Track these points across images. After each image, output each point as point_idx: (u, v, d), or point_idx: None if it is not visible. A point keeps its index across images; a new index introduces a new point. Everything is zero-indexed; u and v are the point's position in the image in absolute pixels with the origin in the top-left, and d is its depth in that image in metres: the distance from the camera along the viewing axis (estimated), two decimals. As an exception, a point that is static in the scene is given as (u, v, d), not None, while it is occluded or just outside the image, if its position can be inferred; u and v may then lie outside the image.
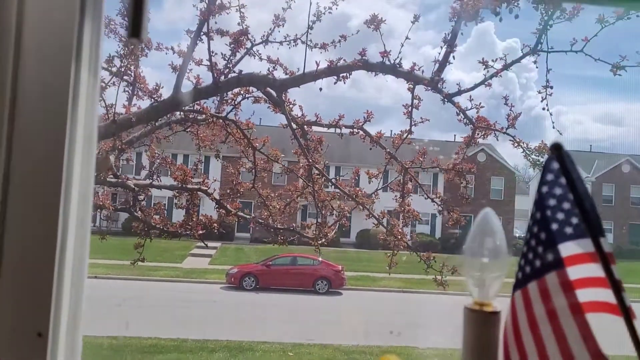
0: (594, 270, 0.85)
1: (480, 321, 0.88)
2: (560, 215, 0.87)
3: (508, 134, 6.71)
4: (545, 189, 0.89)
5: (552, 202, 0.88)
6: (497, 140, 6.89)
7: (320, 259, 26.31)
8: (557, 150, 0.88)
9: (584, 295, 0.84)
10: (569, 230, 0.87)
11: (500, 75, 6.08)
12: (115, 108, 5.35)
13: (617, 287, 0.83)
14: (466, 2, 4.45)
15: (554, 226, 0.86)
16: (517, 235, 44.23)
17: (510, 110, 6.71)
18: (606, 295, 0.84)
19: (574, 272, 0.85)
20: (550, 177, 0.90)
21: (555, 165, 0.89)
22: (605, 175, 43.32)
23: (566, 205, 0.87)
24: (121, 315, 18.03)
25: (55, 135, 0.92)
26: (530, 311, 0.86)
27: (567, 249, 0.86)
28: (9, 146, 0.90)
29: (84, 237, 1.00)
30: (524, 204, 47.54)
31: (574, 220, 0.87)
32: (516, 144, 6.78)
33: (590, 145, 48.43)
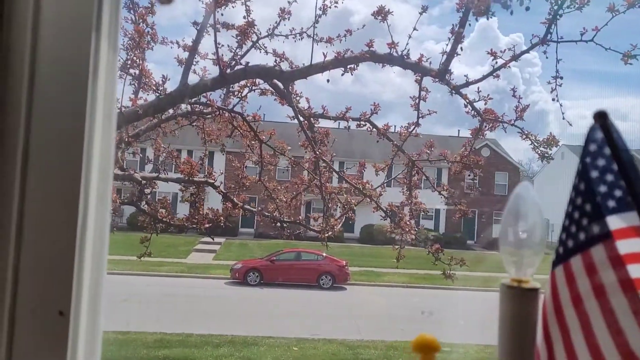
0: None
1: (518, 298, 0.84)
2: (603, 188, 0.84)
3: (516, 126, 6.66)
4: (588, 159, 0.86)
5: (594, 173, 0.85)
6: (505, 132, 6.84)
7: (324, 254, 26.34)
8: (601, 118, 0.84)
9: (633, 271, 0.80)
10: (612, 203, 0.83)
11: (510, 66, 6.03)
12: (122, 101, 5.33)
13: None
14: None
15: (600, 198, 0.82)
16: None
17: (519, 102, 6.66)
18: None
19: (625, 246, 0.81)
20: (593, 147, 0.86)
21: (599, 134, 0.85)
22: (611, 170, 43.05)
23: (610, 177, 0.84)
24: (127, 311, 18.09)
25: (76, 110, 0.88)
26: (574, 286, 0.83)
27: (613, 221, 0.82)
28: (27, 123, 0.87)
29: (104, 215, 0.97)
30: (529, 199, 47.31)
31: (618, 192, 0.83)
32: (524, 136, 6.73)
33: (596, 140, 48.02)
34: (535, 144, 6.72)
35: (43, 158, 0.88)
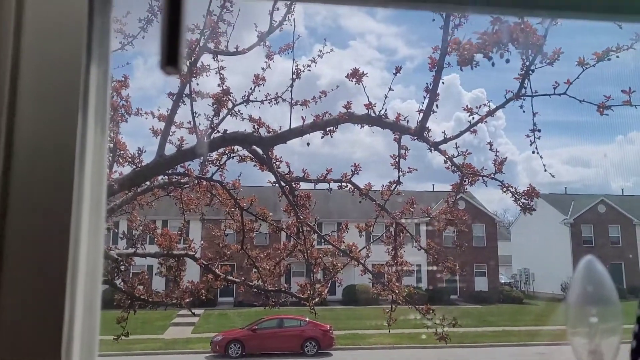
0: None
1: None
2: None
3: (496, 179, 6.68)
4: None
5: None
6: (486, 186, 6.85)
7: (307, 319, 25.67)
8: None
9: None
10: None
11: (486, 121, 6.10)
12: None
13: None
14: (462, 46, 4.47)
15: None
16: (503, 281, 44.05)
17: (496, 155, 6.73)
18: None
19: None
20: None
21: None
22: (583, 216, 43.91)
23: None
24: (102, 395, 17.06)
25: (61, 196, 0.75)
26: None
27: None
28: (3, 207, 0.73)
29: (92, 322, 0.82)
30: (507, 249, 47.65)
31: None
32: (505, 189, 6.74)
33: (565, 188, 49.33)
34: (517, 196, 6.74)
35: (25, 255, 0.73)
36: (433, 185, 38.82)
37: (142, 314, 7.54)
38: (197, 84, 5.86)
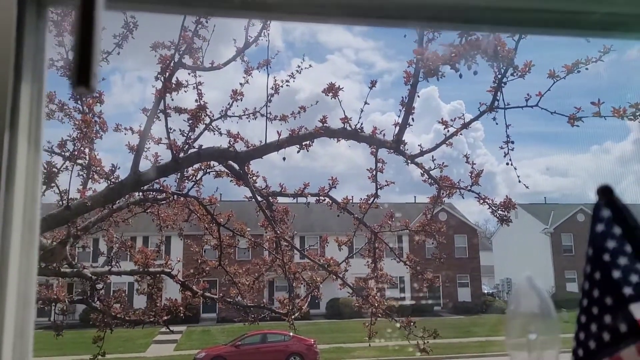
0: None
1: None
2: (617, 274, 0.72)
3: (473, 192, 6.72)
4: (599, 242, 0.74)
5: (606, 257, 0.74)
6: (463, 198, 6.89)
7: (291, 334, 25.45)
8: (606, 194, 0.74)
9: None
10: (626, 291, 0.72)
11: (461, 134, 6.16)
12: (69, 194, 5.07)
13: None
14: (426, 57, 4.51)
15: (627, 290, 0.70)
16: (485, 291, 44.24)
17: (472, 167, 6.77)
18: None
19: None
20: (600, 227, 0.75)
21: (606, 212, 0.75)
22: (563, 225, 44.41)
23: (623, 261, 0.73)
24: (81, 417, 16.66)
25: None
26: None
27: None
28: None
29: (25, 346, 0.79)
30: (489, 259, 47.94)
31: (634, 278, 0.72)
32: (482, 201, 6.79)
33: (545, 197, 49.95)
34: (494, 207, 6.78)
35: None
36: (415, 197, 39.03)
37: (123, 332, 7.40)
38: (172, 99, 5.83)
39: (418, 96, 6.01)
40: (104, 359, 6.68)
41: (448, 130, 5.92)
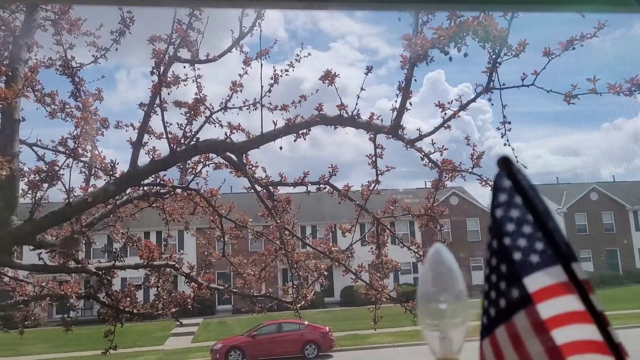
0: (571, 303, 0.70)
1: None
2: (522, 242, 0.74)
3: (475, 174, 6.69)
4: (499, 212, 0.76)
5: (510, 227, 0.75)
6: (465, 180, 6.87)
7: (306, 322, 25.64)
8: (506, 165, 0.75)
9: (562, 334, 0.69)
10: (534, 258, 0.73)
11: (459, 116, 6.12)
12: (68, 191, 5.14)
13: (601, 321, 0.69)
14: (414, 43, 4.49)
15: (517, 255, 0.72)
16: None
17: (473, 149, 6.74)
18: (590, 332, 0.69)
19: (547, 308, 0.70)
20: (503, 197, 0.76)
21: (507, 182, 0.76)
22: (576, 205, 44.09)
23: (527, 229, 0.74)
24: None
25: None
26: None
27: (535, 281, 0.71)
28: None
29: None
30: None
31: (539, 245, 0.73)
32: (484, 183, 6.76)
33: (557, 177, 49.54)
34: (496, 189, 6.75)
35: None
36: (425, 182, 38.87)
37: (140, 325, 7.51)
38: (169, 94, 5.86)
39: (415, 80, 5.99)
40: (121, 352, 6.79)
41: (445, 114, 5.90)
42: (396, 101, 5.97)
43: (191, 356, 27.37)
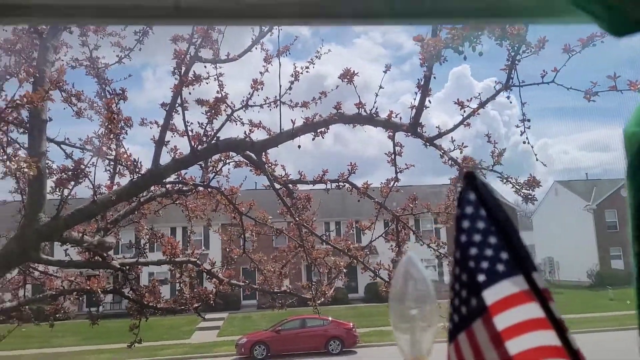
0: (531, 310, 0.74)
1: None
2: (488, 251, 0.77)
3: (495, 171, 6.65)
4: (466, 223, 0.80)
5: (476, 237, 0.79)
6: (485, 178, 6.83)
7: (330, 318, 25.74)
8: (471, 179, 0.79)
9: (522, 342, 0.72)
10: (499, 267, 0.77)
11: (478, 114, 6.10)
12: (94, 189, 5.30)
13: (560, 328, 0.72)
14: (426, 43, 4.49)
15: (483, 264, 0.76)
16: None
17: (494, 147, 6.70)
18: (549, 338, 0.72)
19: (506, 318, 0.73)
20: (469, 209, 0.80)
21: (472, 195, 0.80)
22: (606, 201, 43.11)
23: (492, 240, 0.77)
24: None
25: None
26: None
27: (494, 291, 0.75)
28: None
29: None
30: (529, 238, 47.04)
31: (503, 255, 0.77)
32: (505, 181, 6.72)
33: (586, 173, 48.53)
34: (517, 187, 6.70)
35: None
36: (450, 178, 38.51)
37: (167, 320, 7.70)
38: (190, 93, 5.97)
39: (434, 77, 5.99)
40: (150, 345, 6.95)
41: (465, 111, 5.88)
42: (415, 99, 5.98)
43: (217, 350, 27.77)
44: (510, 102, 5.22)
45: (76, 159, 6.02)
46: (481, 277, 0.75)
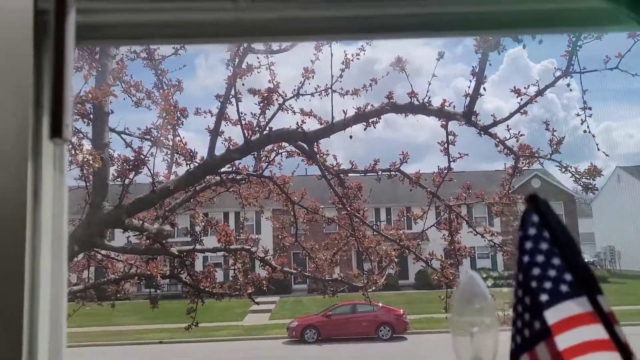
0: (595, 332, 0.73)
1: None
2: (552, 272, 0.77)
3: (553, 160, 6.46)
4: (529, 244, 0.80)
5: (539, 258, 0.79)
6: (542, 167, 6.64)
7: (380, 304, 25.73)
8: (533, 201, 0.79)
9: None
10: (563, 288, 0.76)
11: (536, 101, 5.93)
12: (153, 178, 5.51)
13: (625, 352, 0.72)
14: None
15: (535, 284, 0.76)
16: (586, 260, 41.90)
17: (553, 135, 6.49)
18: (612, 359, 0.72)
19: (569, 338, 0.73)
20: (532, 231, 0.80)
21: (535, 217, 0.80)
22: (674, 189, 40.85)
23: (556, 261, 0.77)
24: (186, 380, 18.06)
25: (16, 237, 0.90)
26: None
27: (557, 310, 0.75)
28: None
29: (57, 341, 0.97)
30: (588, 227, 45.28)
31: (567, 277, 0.76)
32: (564, 169, 6.52)
33: (653, 159, 46.04)
34: (577, 176, 6.48)
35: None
36: (505, 164, 37.46)
37: (221, 302, 7.98)
38: (243, 84, 6.06)
39: (490, 64, 5.85)
40: (206, 326, 7.23)
41: (521, 99, 5.72)
42: (469, 87, 5.86)
43: (268, 333, 28.33)
44: (571, 90, 5.04)
45: (135, 147, 6.29)
46: (544, 297, 0.76)
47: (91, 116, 5.91)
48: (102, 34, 1.16)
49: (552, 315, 0.75)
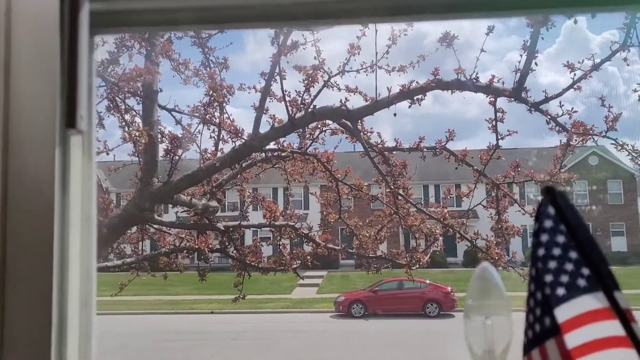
0: (613, 328, 0.71)
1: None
2: (569, 266, 0.75)
3: (609, 137, 6.19)
4: (544, 237, 0.77)
5: (556, 251, 0.76)
6: (597, 144, 6.38)
7: (427, 281, 25.63)
8: (550, 193, 0.76)
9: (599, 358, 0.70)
10: (581, 282, 0.74)
11: (591, 76, 5.67)
12: (201, 155, 5.65)
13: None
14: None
15: (550, 278, 0.74)
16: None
17: (609, 111, 6.21)
18: (629, 355, 0.70)
19: (581, 335, 0.71)
20: (548, 224, 0.78)
21: (552, 210, 0.77)
22: None
23: (573, 254, 0.75)
24: (238, 349, 18.69)
25: (45, 220, 0.95)
26: None
27: (573, 307, 0.73)
28: (2, 233, 0.94)
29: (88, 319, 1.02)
30: (650, 206, 43.27)
31: (585, 271, 0.74)
32: (620, 148, 6.24)
33: None
34: (634, 154, 6.20)
35: (19, 271, 0.95)
36: (560, 140, 36.12)
37: (270, 276, 8.18)
38: (287, 62, 6.06)
39: (542, 38, 5.61)
40: (254, 298, 7.42)
41: (575, 75, 5.48)
42: (520, 62, 5.65)
43: (316, 306, 28.79)
44: (627, 64, 4.78)
45: (184, 124, 6.44)
46: (560, 291, 0.74)
47: (141, 93, 6.07)
48: (139, 20, 1.18)
49: (566, 311, 0.73)
